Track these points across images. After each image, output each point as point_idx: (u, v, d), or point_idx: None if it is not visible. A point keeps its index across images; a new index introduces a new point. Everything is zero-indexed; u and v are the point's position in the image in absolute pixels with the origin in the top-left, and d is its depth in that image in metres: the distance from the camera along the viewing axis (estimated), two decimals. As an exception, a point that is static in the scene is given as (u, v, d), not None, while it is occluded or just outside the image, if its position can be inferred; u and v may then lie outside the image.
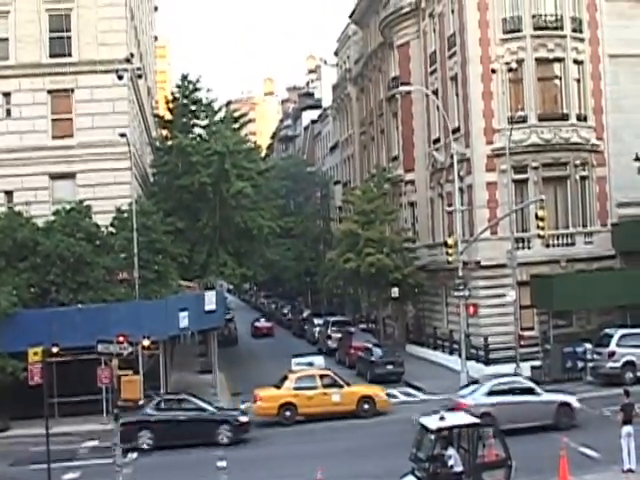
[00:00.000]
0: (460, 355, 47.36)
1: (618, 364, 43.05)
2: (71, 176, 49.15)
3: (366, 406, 39.69)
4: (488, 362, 48.31)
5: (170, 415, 36.20)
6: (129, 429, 34.58)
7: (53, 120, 49.60)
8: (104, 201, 46.97)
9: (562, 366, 45.29)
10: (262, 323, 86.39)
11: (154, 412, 36.19)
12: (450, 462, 22.72)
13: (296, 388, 39.68)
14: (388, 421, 38.42)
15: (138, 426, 35.44)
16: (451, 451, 22.98)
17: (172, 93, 63.11)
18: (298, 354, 49.04)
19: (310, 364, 44.74)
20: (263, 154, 77.38)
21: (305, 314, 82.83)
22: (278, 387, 40.31)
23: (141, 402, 38.15)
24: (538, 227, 45.01)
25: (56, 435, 34.25)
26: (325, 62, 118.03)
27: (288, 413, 39.19)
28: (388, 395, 41.54)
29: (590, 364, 45.14)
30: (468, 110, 53.93)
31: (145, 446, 35.20)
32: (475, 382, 37.53)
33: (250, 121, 71.38)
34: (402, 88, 57.55)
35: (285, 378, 40.81)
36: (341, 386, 40.23)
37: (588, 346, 45.78)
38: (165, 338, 42.77)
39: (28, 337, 33.67)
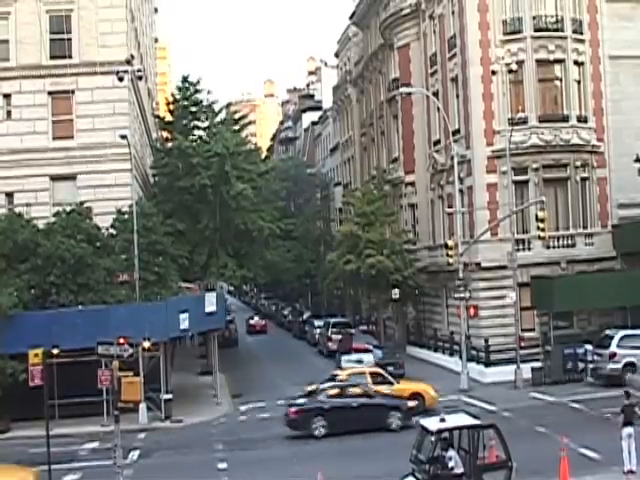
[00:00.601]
0: (461, 356, 47.44)
1: (619, 365, 42.96)
2: (72, 178, 49.16)
3: (416, 402, 39.74)
4: (488, 363, 48.29)
5: (343, 402, 36.29)
6: (304, 416, 35.17)
7: (54, 122, 49.67)
8: (105, 203, 47.03)
9: (563, 367, 45.26)
10: (256, 321, 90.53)
11: (327, 399, 36.34)
12: (450, 463, 22.68)
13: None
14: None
15: (313, 413, 35.70)
16: (451, 452, 22.94)
17: (172, 95, 63.13)
18: (346, 351, 48.86)
19: (359, 361, 45.68)
20: (263, 156, 77.35)
21: (305, 316, 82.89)
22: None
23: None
24: (538, 228, 45.09)
25: (56, 437, 34.28)
26: (325, 64, 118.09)
27: None
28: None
29: (591, 365, 45.09)
30: (468, 111, 53.93)
31: (318, 433, 35.50)
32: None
33: (250, 123, 71.50)
34: (402, 90, 57.56)
35: (333, 377, 41.02)
36: (391, 383, 40.41)
37: (589, 347, 45.74)
38: (166, 340, 42.72)
39: (28, 339, 33.78)
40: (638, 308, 48.48)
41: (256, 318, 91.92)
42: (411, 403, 36.87)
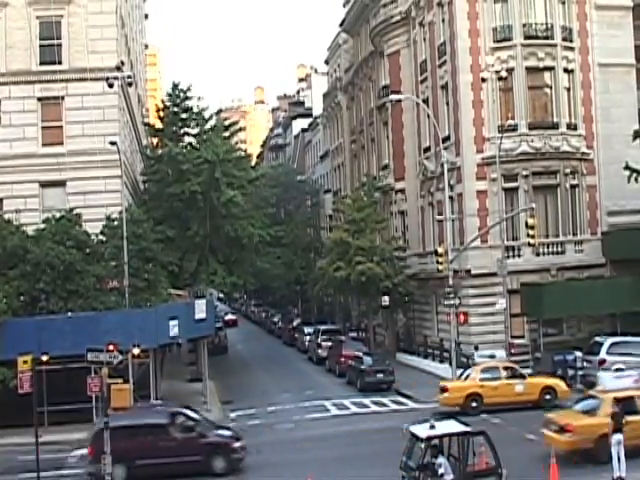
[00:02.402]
0: (450, 363, 47.43)
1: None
2: (61, 184, 49.02)
3: (548, 396, 40.38)
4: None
5: None
6: None
7: (43, 128, 49.53)
8: (94, 209, 46.91)
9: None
10: (229, 317, 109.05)
11: None
12: (440, 470, 22.67)
13: (482, 379, 40.67)
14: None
15: None
16: (441, 459, 22.94)
17: (163, 101, 62.98)
18: (477, 346, 49.31)
19: (492, 356, 46.18)
20: (253, 162, 77.38)
21: (295, 323, 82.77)
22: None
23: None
24: (528, 235, 45.21)
25: (45, 444, 34.24)
26: (315, 71, 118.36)
27: (474, 403, 40.01)
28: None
29: (580, 372, 45.13)
30: (458, 119, 54.03)
31: None
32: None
33: (240, 129, 71.24)
34: (392, 97, 57.54)
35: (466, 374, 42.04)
36: (524, 377, 41.05)
37: (578, 354, 45.84)
38: (155, 346, 42.60)
39: (17, 345, 33.64)
40: (627, 315, 48.63)
41: (229, 315, 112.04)
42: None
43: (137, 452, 30.93)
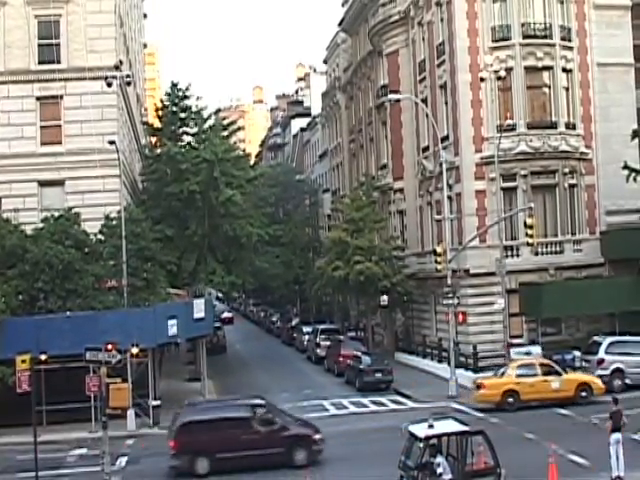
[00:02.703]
0: (449, 363, 47.42)
1: (607, 372, 43.07)
2: (60, 183, 49.04)
3: (584, 393, 40.47)
4: (477, 370, 48.30)
5: None
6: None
7: (42, 127, 49.53)
8: (93, 208, 46.91)
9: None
10: (225, 314, 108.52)
11: None
12: (439, 470, 22.64)
13: (518, 375, 40.86)
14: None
15: None
16: (440, 459, 22.90)
17: (161, 101, 62.92)
18: (515, 344, 49.07)
19: (528, 353, 46.05)
20: (252, 162, 77.17)
21: (294, 322, 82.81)
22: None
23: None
24: (527, 235, 45.22)
25: (44, 443, 34.27)
26: (314, 70, 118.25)
27: (511, 399, 40.27)
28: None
29: (579, 372, 45.15)
30: (457, 118, 54.01)
31: None
32: None
33: (239, 129, 71.19)
34: (391, 96, 57.54)
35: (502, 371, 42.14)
36: (559, 374, 41.05)
37: (577, 354, 45.86)
38: (154, 346, 42.60)
39: (16, 345, 33.62)
40: (626, 314, 48.66)
41: (226, 313, 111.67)
42: None
43: (219, 445, 31.39)
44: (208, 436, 31.17)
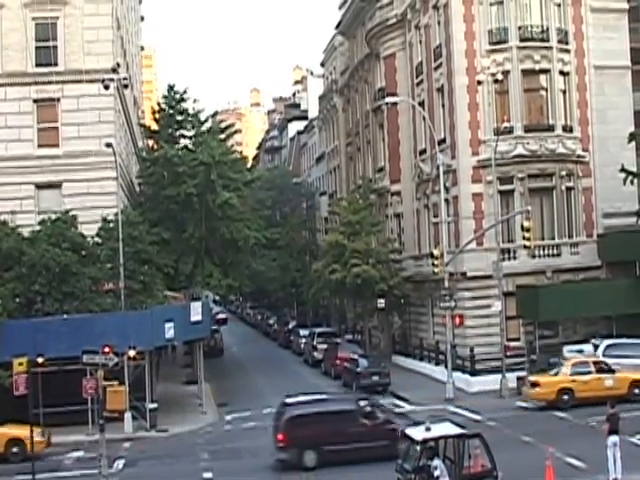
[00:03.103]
0: (446, 366, 47.43)
1: (604, 374, 43.08)
2: (57, 186, 49.02)
3: (637, 390, 40.82)
4: (474, 373, 48.30)
5: None
6: None
7: (39, 129, 49.54)
8: (90, 211, 46.89)
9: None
10: (220, 315, 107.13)
11: None
12: (436, 473, 22.65)
13: (572, 374, 41.11)
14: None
15: None
16: (437, 462, 22.92)
17: (158, 103, 62.92)
18: (569, 342, 49.12)
19: (580, 351, 46.12)
20: (249, 165, 77.16)
21: (291, 325, 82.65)
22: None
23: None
24: (524, 238, 45.15)
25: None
26: (311, 73, 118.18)
27: (566, 397, 40.57)
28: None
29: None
30: (454, 121, 54.00)
31: None
32: None
33: (236, 132, 71.10)
34: (388, 99, 57.50)
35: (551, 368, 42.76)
36: (613, 371, 41.33)
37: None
38: (151, 349, 42.60)
39: (13, 347, 33.66)
40: (623, 317, 48.69)
41: (220, 314, 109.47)
42: None
43: (327, 438, 31.79)
44: (316, 429, 31.70)
